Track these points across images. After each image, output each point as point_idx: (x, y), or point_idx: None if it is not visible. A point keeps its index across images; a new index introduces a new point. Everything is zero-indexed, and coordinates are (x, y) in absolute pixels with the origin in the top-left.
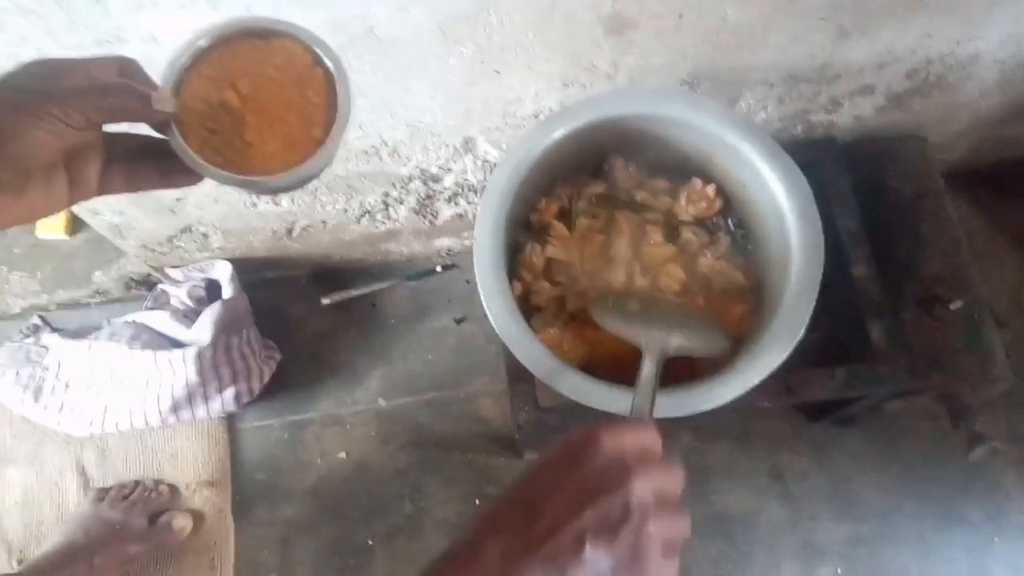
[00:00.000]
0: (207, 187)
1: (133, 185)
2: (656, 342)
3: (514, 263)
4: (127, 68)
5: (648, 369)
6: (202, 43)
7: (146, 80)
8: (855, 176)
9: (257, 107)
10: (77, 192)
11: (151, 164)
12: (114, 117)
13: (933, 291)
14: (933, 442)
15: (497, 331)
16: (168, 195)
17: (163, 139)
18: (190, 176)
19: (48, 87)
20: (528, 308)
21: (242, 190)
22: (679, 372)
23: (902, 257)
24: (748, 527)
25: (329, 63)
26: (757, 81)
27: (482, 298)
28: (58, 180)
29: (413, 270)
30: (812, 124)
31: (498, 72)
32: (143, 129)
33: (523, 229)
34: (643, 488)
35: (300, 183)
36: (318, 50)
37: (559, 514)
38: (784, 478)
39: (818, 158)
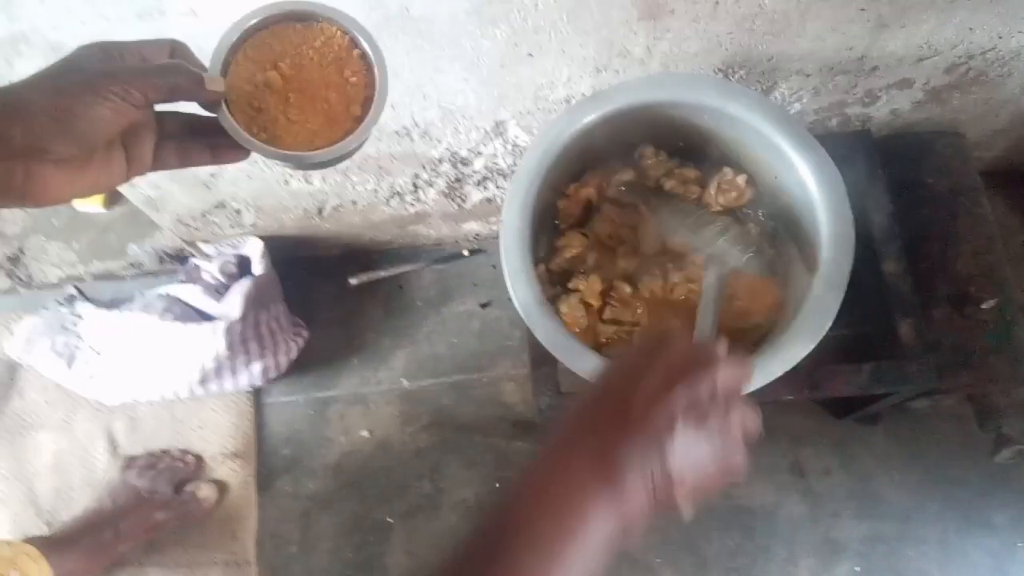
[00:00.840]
0: (242, 164)
1: (185, 161)
2: (721, 252)
3: (539, 246)
4: (178, 50)
5: (711, 281)
6: (247, 25)
7: (195, 61)
8: (890, 171)
9: (299, 86)
10: (134, 168)
11: (201, 141)
12: (170, 96)
13: (965, 289)
14: (959, 443)
15: (519, 311)
16: (204, 170)
17: (212, 117)
18: (238, 152)
19: (110, 68)
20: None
21: (287, 165)
22: None
23: (935, 254)
24: (767, 521)
25: (366, 45)
26: (793, 71)
27: (506, 279)
28: (117, 156)
29: (440, 254)
30: (848, 117)
31: (531, 55)
32: (192, 108)
33: (551, 214)
34: (725, 375)
35: (341, 158)
36: (355, 33)
37: (650, 396)
38: (806, 474)
39: (853, 152)
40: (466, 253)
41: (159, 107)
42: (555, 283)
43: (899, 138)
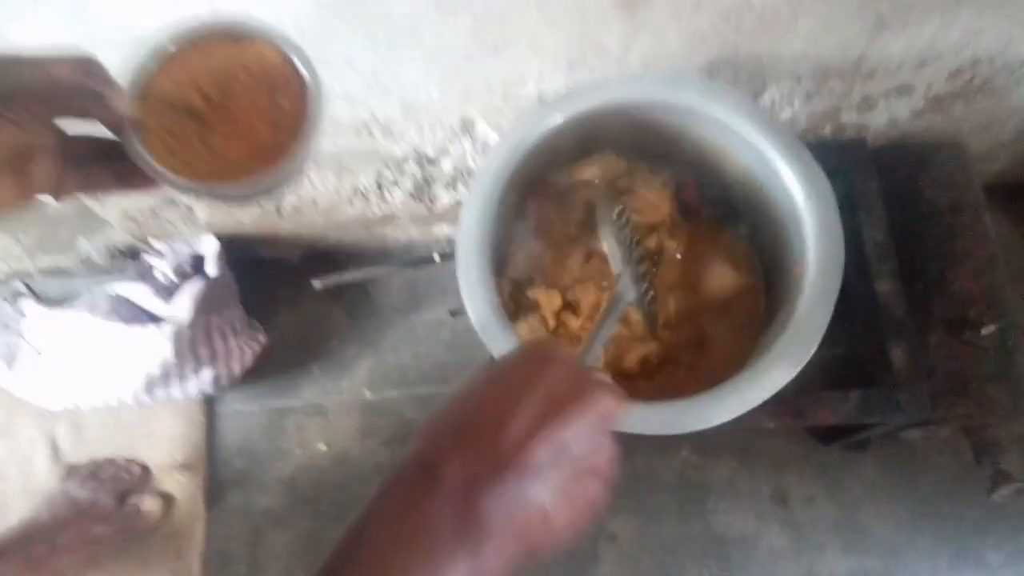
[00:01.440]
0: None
1: (89, 187)
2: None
3: (505, 255)
4: (87, 67)
5: (606, 306)
6: (170, 45)
7: (107, 80)
8: (886, 183)
9: (223, 112)
10: (24, 192)
11: (108, 167)
12: (71, 115)
13: (964, 313)
14: (953, 475)
15: (476, 329)
16: None
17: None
18: (147, 181)
19: (2, 82)
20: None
21: (200, 197)
22: (670, 383)
23: (932, 274)
24: (746, 552)
25: (302, 68)
26: (784, 73)
27: (463, 294)
28: (4, 179)
29: (410, 258)
30: (842, 124)
31: (498, 48)
32: (104, 130)
33: (518, 219)
34: (601, 410)
35: (262, 192)
36: (292, 54)
37: (526, 429)
38: (788, 502)
39: (847, 162)
40: (437, 258)
41: (71, 128)
42: (517, 297)
43: (897, 148)
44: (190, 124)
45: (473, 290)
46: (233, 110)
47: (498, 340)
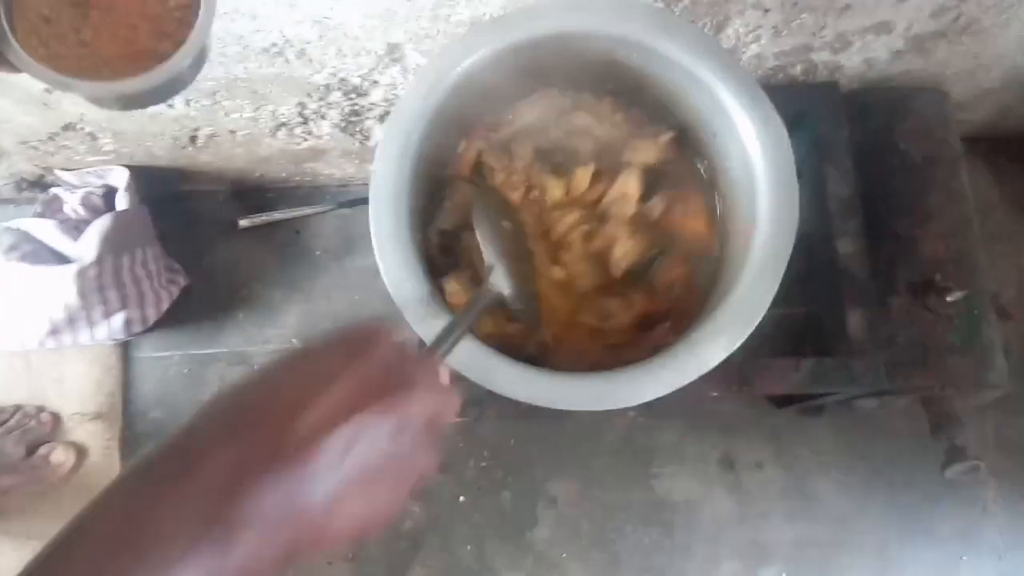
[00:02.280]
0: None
1: None
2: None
3: (431, 207)
4: None
5: (477, 294)
6: None
7: None
8: (858, 131)
9: (107, 5)
10: None
11: None
12: None
13: (930, 277)
14: (909, 443)
15: (389, 290)
16: (36, 84)
17: None
18: (5, 63)
19: None
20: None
21: (62, 91)
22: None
23: (900, 234)
24: (690, 517)
25: None
26: (749, 4)
27: (374, 246)
28: None
29: (345, 197)
30: (814, 64)
31: None
32: None
33: (442, 170)
34: (426, 405)
35: (128, 101)
36: None
37: (323, 418)
38: (736, 467)
39: (816, 106)
40: None
41: None
42: (448, 248)
43: (872, 92)
44: (66, 11)
45: (384, 242)
46: (117, 5)
47: (412, 301)
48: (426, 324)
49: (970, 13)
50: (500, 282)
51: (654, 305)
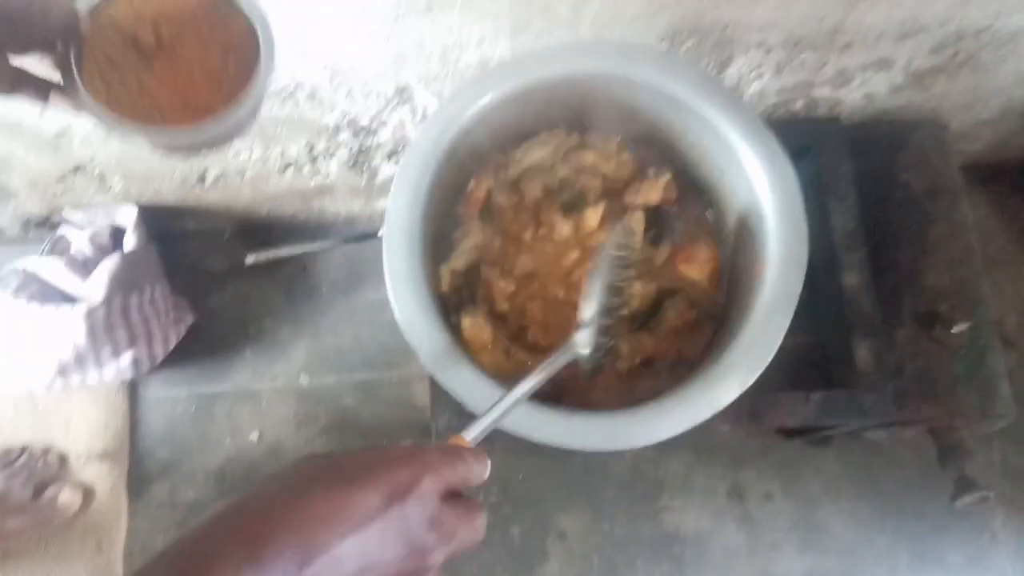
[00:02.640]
0: (94, 123)
1: (15, 86)
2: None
3: (443, 245)
4: None
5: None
6: None
7: None
8: (859, 164)
9: (170, 55)
10: None
11: (29, 75)
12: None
13: (935, 308)
14: (917, 473)
15: (401, 327)
16: (47, 129)
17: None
18: (66, 99)
19: None
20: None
21: (114, 132)
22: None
23: (903, 265)
24: (700, 550)
25: (263, 41)
26: (752, 43)
27: (388, 285)
28: None
29: (351, 232)
30: (815, 100)
31: (430, 9)
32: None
33: (455, 208)
34: (445, 551)
35: (178, 148)
36: (257, 26)
37: (344, 557)
38: (745, 499)
39: (818, 141)
40: (380, 234)
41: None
42: (463, 287)
43: (873, 126)
44: (132, 57)
45: (399, 282)
46: (179, 56)
47: (424, 340)
48: (440, 366)
49: (968, 49)
50: (584, 340)
51: (661, 348)
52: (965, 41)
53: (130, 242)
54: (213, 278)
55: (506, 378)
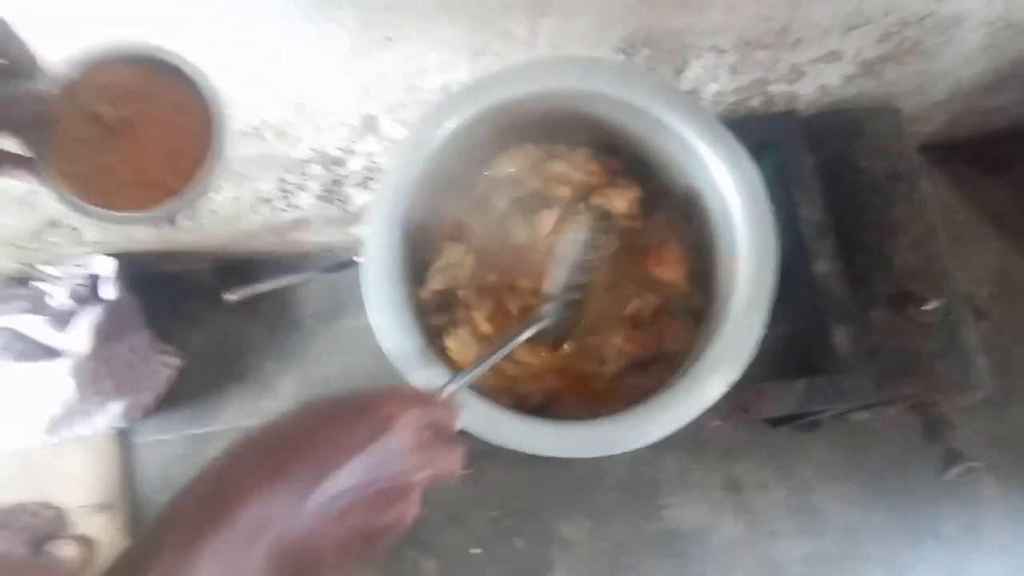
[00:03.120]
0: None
1: None
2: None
3: (420, 268)
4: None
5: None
6: (102, 56)
7: (30, 55)
8: (820, 154)
9: (132, 137)
10: None
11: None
12: None
13: (906, 287)
14: (905, 450)
15: (388, 356)
16: (17, 187)
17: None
18: (30, 174)
19: None
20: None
21: (72, 210)
22: (604, 393)
23: (871, 248)
24: (701, 544)
25: (218, 124)
26: (705, 48)
27: (370, 314)
28: None
29: (330, 261)
30: (772, 96)
31: (390, 39)
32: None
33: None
34: (424, 474)
35: (136, 222)
36: (212, 106)
37: (350, 487)
38: (740, 490)
39: (778, 135)
40: (359, 260)
41: None
42: (442, 309)
43: (829, 116)
44: (101, 135)
45: (382, 312)
46: (141, 135)
47: (412, 365)
48: (427, 376)
49: (914, 36)
50: (549, 312)
51: (644, 348)
52: (910, 28)
53: (109, 292)
54: (195, 319)
55: (496, 392)
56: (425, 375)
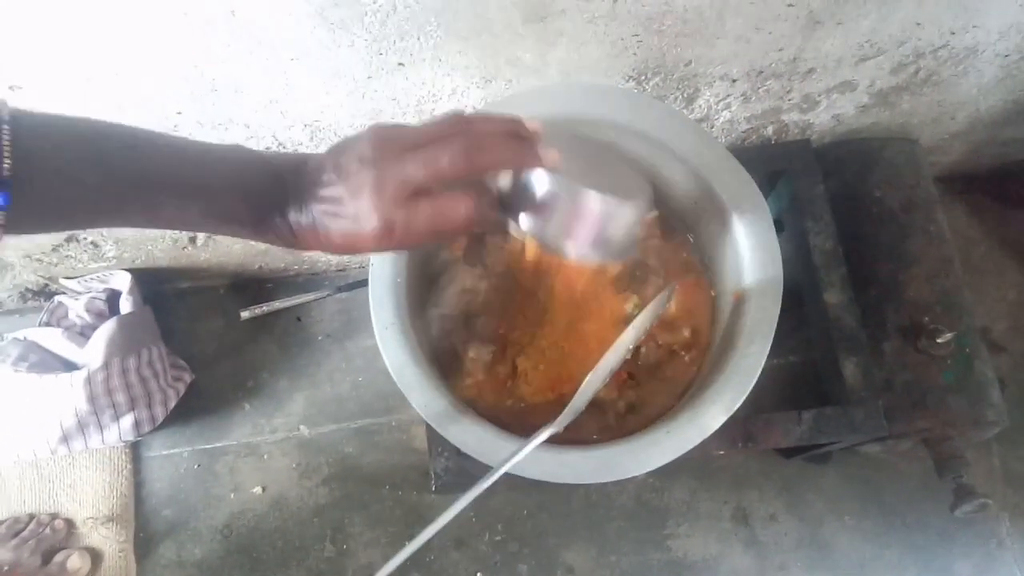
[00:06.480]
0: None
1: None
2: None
3: (432, 290)
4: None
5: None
6: None
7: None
8: (834, 183)
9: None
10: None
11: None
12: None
13: (919, 319)
14: (917, 483)
15: (393, 376)
16: None
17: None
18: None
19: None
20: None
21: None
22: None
23: (884, 279)
24: (709, 575)
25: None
26: (716, 76)
27: (377, 337)
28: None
29: (343, 280)
30: (785, 124)
31: (402, 64)
32: None
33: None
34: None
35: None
36: None
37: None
38: (750, 521)
39: (791, 164)
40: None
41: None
42: (456, 330)
43: (844, 145)
44: None
45: (386, 333)
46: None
47: (415, 388)
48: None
49: (928, 67)
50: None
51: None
52: (924, 59)
53: (125, 306)
54: (209, 335)
55: (503, 418)
56: (423, 398)
